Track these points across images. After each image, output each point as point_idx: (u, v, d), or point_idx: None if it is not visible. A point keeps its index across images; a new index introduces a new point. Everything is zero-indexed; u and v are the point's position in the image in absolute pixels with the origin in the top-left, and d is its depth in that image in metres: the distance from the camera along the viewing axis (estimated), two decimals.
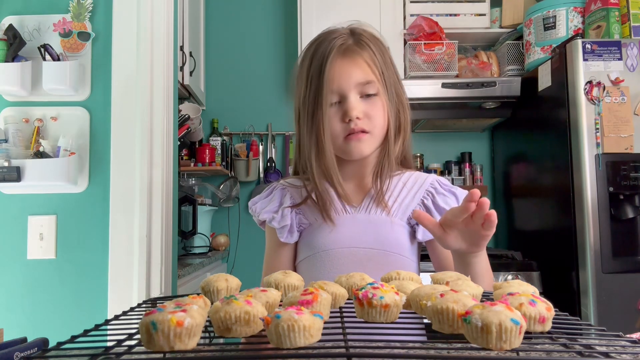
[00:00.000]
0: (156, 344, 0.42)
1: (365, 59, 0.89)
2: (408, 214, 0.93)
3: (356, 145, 0.88)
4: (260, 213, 0.95)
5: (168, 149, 1.50)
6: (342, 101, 0.88)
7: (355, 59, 0.89)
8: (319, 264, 0.92)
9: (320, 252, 0.92)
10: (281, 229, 0.93)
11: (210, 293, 0.62)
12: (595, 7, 2.14)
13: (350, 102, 0.87)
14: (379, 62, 0.89)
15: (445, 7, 2.59)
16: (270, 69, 2.89)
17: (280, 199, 0.96)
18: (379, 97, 0.89)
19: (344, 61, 0.88)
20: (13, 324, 1.40)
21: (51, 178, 1.37)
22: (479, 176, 2.75)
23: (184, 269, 1.82)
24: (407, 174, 0.97)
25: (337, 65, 0.88)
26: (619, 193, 1.88)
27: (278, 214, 0.93)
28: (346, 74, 0.87)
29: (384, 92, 0.90)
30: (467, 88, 2.37)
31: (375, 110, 0.88)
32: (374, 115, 0.88)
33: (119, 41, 1.46)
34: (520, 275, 2.06)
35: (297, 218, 0.94)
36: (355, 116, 0.86)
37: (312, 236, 0.93)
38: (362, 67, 0.88)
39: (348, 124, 0.87)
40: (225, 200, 2.72)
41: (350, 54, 0.89)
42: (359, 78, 0.87)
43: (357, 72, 0.88)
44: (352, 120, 0.87)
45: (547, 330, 0.49)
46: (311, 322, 0.43)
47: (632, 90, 1.91)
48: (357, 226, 0.91)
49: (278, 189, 0.98)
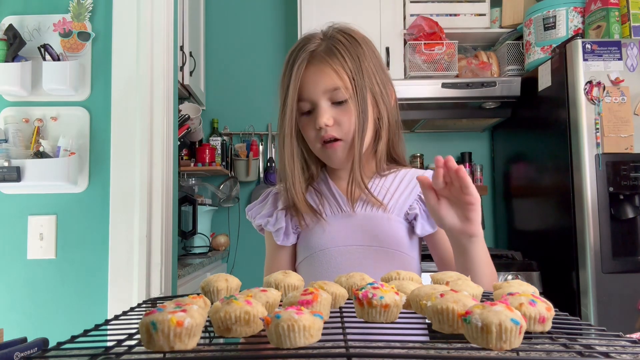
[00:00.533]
0: (156, 344, 0.42)
1: (333, 65, 0.87)
2: (405, 210, 0.93)
3: (332, 154, 0.90)
4: (256, 218, 0.98)
5: (168, 149, 1.50)
6: (314, 108, 0.89)
7: (321, 67, 0.88)
8: (317, 264, 0.92)
9: (317, 252, 0.92)
10: (276, 232, 0.94)
11: (210, 293, 0.62)
12: (595, 7, 2.14)
13: (319, 109, 0.88)
14: (349, 67, 0.88)
15: (445, 7, 2.59)
16: (270, 69, 2.89)
17: (274, 203, 0.98)
18: (350, 103, 0.88)
19: (312, 69, 0.88)
20: (13, 324, 1.40)
21: (51, 178, 1.37)
22: (479, 176, 2.75)
23: (184, 269, 1.82)
24: (403, 171, 0.97)
25: (306, 73, 0.88)
26: (619, 193, 1.88)
27: (272, 217, 0.95)
28: (313, 82, 0.88)
29: (355, 97, 0.88)
30: (467, 88, 2.37)
31: (345, 116, 0.88)
32: (343, 121, 0.88)
33: (119, 41, 1.46)
34: (520, 275, 2.06)
35: (293, 220, 0.95)
36: (323, 124, 0.87)
37: (308, 237, 0.94)
38: (329, 74, 0.87)
39: (319, 132, 0.88)
40: (225, 200, 2.73)
41: (317, 62, 0.88)
42: (326, 86, 0.87)
43: (324, 80, 0.87)
44: (322, 128, 0.88)
45: (547, 330, 0.49)
46: (311, 322, 0.43)
47: (632, 90, 1.91)
48: (353, 224, 0.92)
49: (272, 194, 1.00)
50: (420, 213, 0.91)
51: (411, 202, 0.93)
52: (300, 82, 0.88)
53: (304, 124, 0.91)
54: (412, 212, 0.92)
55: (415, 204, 0.93)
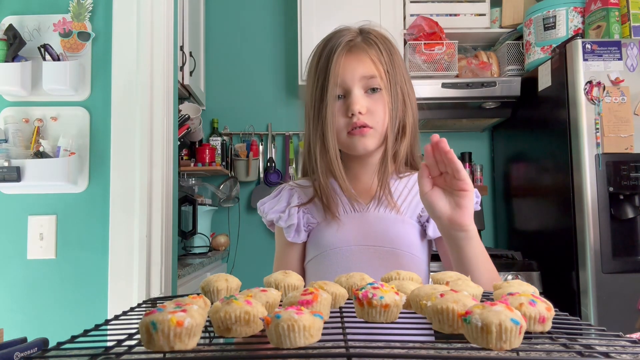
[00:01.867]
0: (156, 344, 0.42)
1: (370, 55, 0.90)
2: (418, 212, 0.93)
3: (360, 140, 0.89)
4: (268, 213, 0.96)
5: (168, 149, 1.50)
6: (347, 96, 0.90)
7: (360, 55, 0.90)
8: (327, 263, 0.92)
9: (328, 250, 0.92)
10: (288, 228, 0.93)
11: (210, 293, 0.62)
12: (595, 7, 2.14)
13: (353, 96, 0.88)
14: (384, 60, 0.90)
15: (445, 7, 2.59)
16: (270, 69, 2.89)
17: (287, 199, 0.97)
18: (382, 94, 0.90)
19: (349, 57, 0.90)
20: (13, 324, 1.40)
21: (51, 178, 1.37)
22: (479, 176, 2.74)
23: (184, 269, 1.82)
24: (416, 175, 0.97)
25: (343, 60, 0.89)
26: (619, 193, 1.88)
27: (285, 213, 0.94)
28: (350, 67, 0.89)
29: (387, 90, 0.90)
30: (467, 88, 2.37)
31: (377, 106, 0.90)
32: (376, 110, 0.89)
33: (119, 41, 1.46)
34: (520, 275, 2.06)
35: (305, 217, 0.94)
36: (357, 110, 0.87)
37: (320, 235, 0.93)
38: (366, 62, 0.90)
39: (351, 119, 0.89)
40: (225, 200, 2.72)
41: (356, 50, 0.91)
42: (363, 72, 0.89)
43: (361, 67, 0.89)
44: (355, 115, 0.88)
45: (547, 330, 0.49)
46: (311, 322, 0.43)
47: (632, 90, 1.91)
48: (365, 224, 0.92)
49: (286, 189, 1.00)
50: None
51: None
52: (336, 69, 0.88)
53: (334, 110, 0.90)
54: (425, 214, 0.92)
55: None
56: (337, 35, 0.92)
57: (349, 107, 0.88)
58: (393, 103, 0.91)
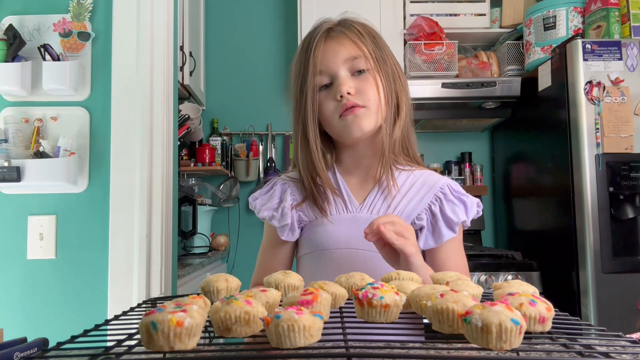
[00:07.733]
0: (156, 344, 0.42)
1: (350, 37, 0.88)
2: (413, 217, 0.90)
3: (353, 120, 0.86)
4: (261, 210, 0.94)
5: (168, 149, 1.50)
6: (333, 81, 0.87)
7: (340, 39, 0.89)
8: (318, 263, 0.91)
9: (319, 251, 0.91)
10: (281, 227, 0.92)
11: (210, 293, 0.62)
12: (595, 7, 2.14)
13: (339, 77, 0.86)
14: (367, 41, 0.88)
15: (445, 7, 2.59)
16: (270, 69, 2.89)
17: (280, 195, 0.94)
18: (370, 73, 0.87)
19: (329, 42, 0.89)
20: (13, 324, 1.40)
21: (51, 178, 1.37)
22: (479, 176, 2.74)
23: (184, 269, 1.82)
24: (418, 172, 0.94)
25: (323, 46, 0.88)
26: (619, 193, 1.88)
27: (278, 212, 0.92)
28: (332, 51, 0.87)
29: (376, 68, 0.87)
30: (467, 88, 2.37)
31: (367, 85, 0.87)
32: (365, 90, 0.86)
33: (119, 41, 1.46)
34: (520, 275, 2.06)
35: (297, 215, 0.93)
36: (345, 91, 0.85)
37: (312, 234, 0.92)
38: (347, 44, 0.88)
39: (340, 101, 0.86)
40: (225, 200, 2.72)
41: (336, 34, 0.89)
42: (346, 54, 0.87)
43: (343, 50, 0.87)
44: (344, 96, 0.85)
45: (547, 330, 0.49)
46: (311, 322, 0.43)
47: (632, 90, 1.91)
48: (357, 226, 0.89)
49: (278, 184, 0.97)
50: (427, 225, 0.89)
51: (420, 210, 0.90)
52: (317, 57, 0.87)
53: (322, 99, 0.88)
54: (419, 222, 0.90)
55: (424, 214, 0.90)
56: (315, 27, 0.92)
57: (337, 90, 0.86)
58: (385, 80, 0.87)
